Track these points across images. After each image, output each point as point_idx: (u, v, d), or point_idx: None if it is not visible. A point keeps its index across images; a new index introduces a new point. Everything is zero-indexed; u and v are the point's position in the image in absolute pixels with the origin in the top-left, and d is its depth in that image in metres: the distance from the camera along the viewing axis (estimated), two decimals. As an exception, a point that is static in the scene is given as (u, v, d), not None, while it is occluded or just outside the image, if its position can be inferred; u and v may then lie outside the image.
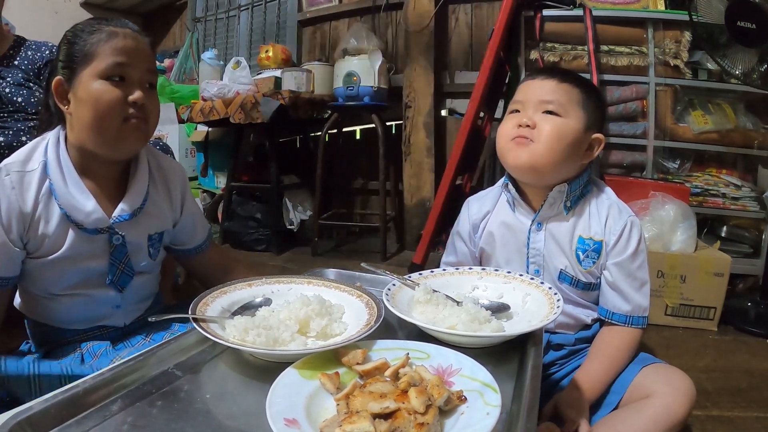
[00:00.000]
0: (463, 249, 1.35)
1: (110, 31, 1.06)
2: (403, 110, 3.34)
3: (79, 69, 1.05)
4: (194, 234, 1.34)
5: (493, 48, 2.54)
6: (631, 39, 2.61)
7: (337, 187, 3.85)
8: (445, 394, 0.63)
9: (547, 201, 1.20)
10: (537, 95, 1.18)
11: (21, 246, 1.07)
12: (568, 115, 1.15)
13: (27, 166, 1.07)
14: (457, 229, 1.37)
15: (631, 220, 1.18)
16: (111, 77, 1.05)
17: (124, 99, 1.06)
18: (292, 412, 0.62)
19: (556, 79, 1.18)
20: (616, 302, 1.18)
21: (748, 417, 1.50)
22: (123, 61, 1.06)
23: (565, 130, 1.15)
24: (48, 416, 0.64)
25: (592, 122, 1.18)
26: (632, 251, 1.17)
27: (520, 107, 1.20)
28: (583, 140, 1.17)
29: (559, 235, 1.21)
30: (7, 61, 1.77)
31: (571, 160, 1.17)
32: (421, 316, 0.94)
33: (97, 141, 1.08)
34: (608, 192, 1.24)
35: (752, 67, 2.14)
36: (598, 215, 1.20)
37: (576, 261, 1.20)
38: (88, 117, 1.05)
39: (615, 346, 1.17)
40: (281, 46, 3.80)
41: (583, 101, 1.17)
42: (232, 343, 0.79)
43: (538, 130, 1.15)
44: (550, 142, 1.14)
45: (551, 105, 1.16)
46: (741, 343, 2.03)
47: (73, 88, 1.07)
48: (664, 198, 2.19)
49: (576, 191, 1.20)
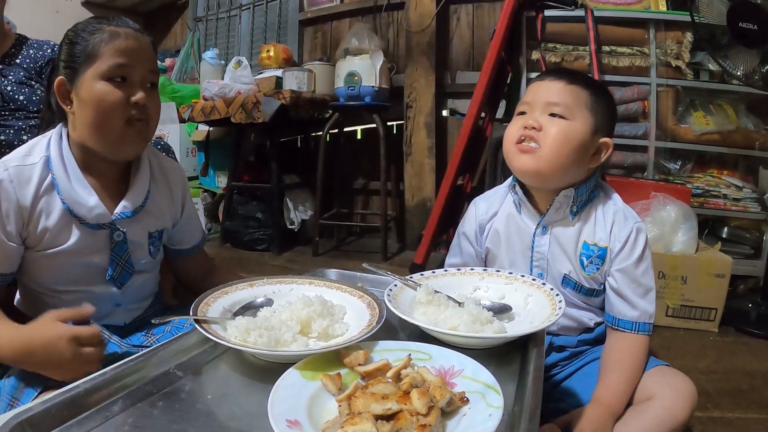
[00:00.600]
0: (468, 249, 1.34)
1: (112, 31, 1.06)
2: (405, 110, 3.34)
3: (82, 70, 1.06)
4: (191, 236, 1.36)
5: (495, 48, 2.54)
6: (633, 40, 2.62)
7: (338, 187, 3.85)
8: (448, 395, 0.63)
9: (553, 205, 1.19)
10: (544, 97, 1.17)
11: (19, 242, 1.07)
12: (574, 118, 1.14)
13: (27, 160, 1.08)
14: (463, 229, 1.35)
15: (637, 227, 1.17)
16: (113, 78, 1.06)
17: (126, 100, 1.06)
18: (294, 413, 0.62)
19: (564, 81, 1.17)
20: (622, 308, 1.16)
21: (748, 418, 1.50)
22: (125, 62, 1.06)
23: (571, 133, 1.13)
24: (49, 416, 0.64)
25: (600, 126, 1.16)
26: (637, 257, 1.16)
27: (527, 108, 1.19)
28: (590, 144, 1.16)
29: (563, 239, 1.20)
30: (9, 59, 1.77)
31: (577, 165, 1.16)
32: (422, 317, 0.93)
33: (98, 142, 1.09)
34: (615, 198, 1.22)
35: (754, 68, 2.14)
36: (604, 221, 1.19)
37: (579, 266, 1.19)
38: (91, 118, 1.06)
39: (630, 354, 1.14)
40: (282, 46, 3.80)
41: (592, 104, 1.15)
42: (234, 344, 0.78)
43: (544, 132, 1.14)
44: (556, 146, 1.13)
45: (558, 107, 1.14)
46: (742, 345, 2.03)
47: (75, 89, 1.07)
48: (665, 199, 2.19)
49: (583, 196, 1.19)
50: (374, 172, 3.59)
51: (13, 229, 1.06)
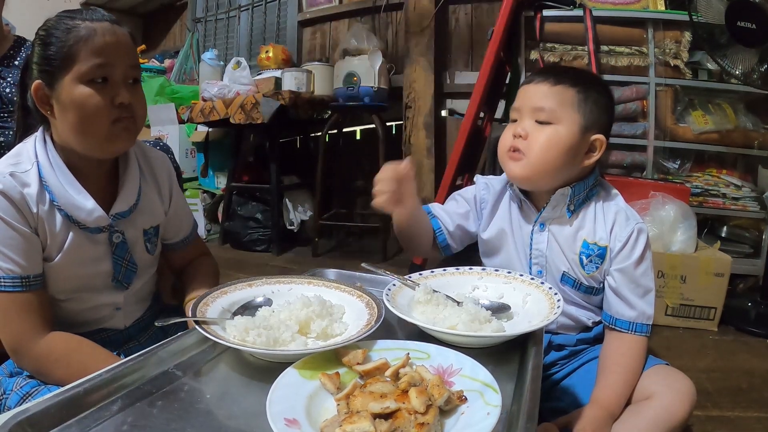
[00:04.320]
0: (463, 204, 1.32)
1: (87, 29, 1.00)
2: (404, 110, 3.35)
3: (60, 74, 1.00)
4: (180, 227, 1.32)
5: (494, 48, 2.54)
6: (632, 39, 2.62)
7: (338, 188, 3.85)
8: (446, 394, 0.63)
9: (550, 203, 1.19)
10: (530, 102, 1.17)
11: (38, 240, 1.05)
12: (560, 121, 1.14)
13: (20, 168, 1.03)
14: (460, 192, 1.35)
15: (638, 227, 1.16)
16: (94, 80, 1.01)
17: (110, 102, 1.02)
18: (292, 412, 0.62)
19: (550, 82, 1.16)
20: (620, 308, 1.16)
21: (748, 417, 1.50)
22: (104, 62, 1.01)
23: (556, 139, 1.13)
24: (48, 416, 0.64)
25: (591, 123, 1.15)
26: (637, 258, 1.15)
27: (517, 115, 1.20)
28: (580, 144, 1.15)
29: (562, 237, 1.20)
30: (8, 61, 1.77)
31: (568, 166, 1.16)
32: (421, 316, 0.94)
33: (84, 145, 1.05)
34: (617, 198, 1.22)
35: (752, 67, 2.14)
36: (604, 221, 1.18)
37: (579, 265, 1.19)
38: (75, 122, 1.02)
39: (628, 356, 1.14)
40: (281, 47, 3.80)
41: (579, 102, 1.14)
42: (233, 343, 0.78)
43: (530, 141, 1.15)
44: (542, 154, 1.13)
45: (543, 113, 1.14)
46: (741, 344, 2.03)
47: (55, 94, 1.02)
48: (665, 198, 2.19)
49: (580, 194, 1.19)
50: (373, 173, 3.54)
51: (30, 231, 1.03)
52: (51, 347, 1.03)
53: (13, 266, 1.01)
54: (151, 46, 5.52)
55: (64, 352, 1.04)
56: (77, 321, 1.16)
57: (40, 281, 1.05)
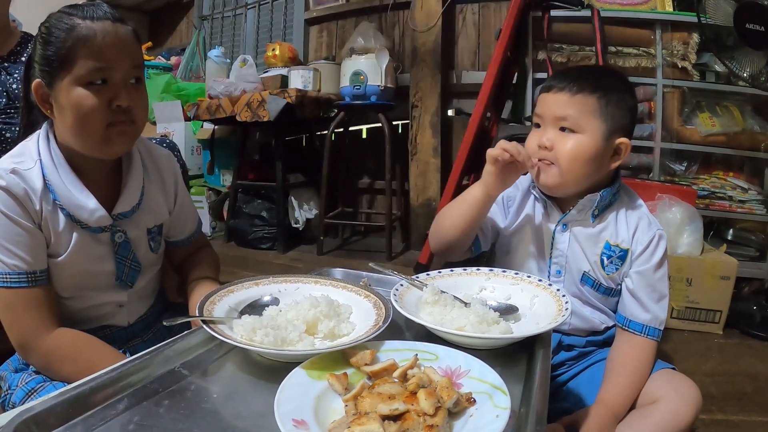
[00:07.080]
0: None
1: (87, 29, 0.98)
2: (410, 110, 3.34)
3: (58, 75, 0.99)
4: (185, 224, 1.32)
5: (501, 48, 2.54)
6: (639, 40, 2.61)
7: (343, 186, 3.84)
8: (455, 395, 0.63)
9: (576, 206, 1.19)
10: (552, 111, 1.17)
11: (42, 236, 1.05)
12: (583, 130, 1.14)
13: (23, 166, 1.03)
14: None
15: (660, 234, 1.18)
16: (92, 82, 0.99)
17: (107, 104, 1.01)
18: (300, 413, 0.62)
19: (570, 92, 1.15)
20: (635, 310, 1.17)
21: (753, 421, 1.50)
22: (103, 65, 0.99)
23: (582, 147, 1.14)
24: (53, 415, 0.63)
25: (615, 128, 1.15)
26: (656, 263, 1.17)
27: (540, 121, 1.20)
28: (605, 150, 1.16)
29: (583, 238, 1.21)
30: (15, 57, 1.77)
31: (595, 172, 1.17)
32: (429, 317, 0.93)
33: (83, 145, 1.04)
34: (640, 204, 1.23)
35: (760, 70, 2.13)
36: (627, 224, 1.20)
37: (600, 266, 1.20)
38: (71, 124, 1.01)
39: (637, 359, 1.14)
40: (288, 45, 3.79)
41: (601, 109, 1.14)
42: (240, 343, 0.78)
43: (556, 151, 1.15)
44: (569, 162, 1.14)
45: (566, 122, 1.15)
46: (746, 347, 2.03)
47: (54, 94, 1.01)
48: (671, 200, 2.19)
49: (606, 200, 1.20)
50: (379, 172, 3.59)
51: (34, 226, 1.03)
52: (59, 343, 1.03)
53: (19, 262, 1.01)
54: (158, 43, 5.53)
55: (71, 349, 1.04)
56: (80, 318, 1.15)
57: (45, 277, 1.05)
